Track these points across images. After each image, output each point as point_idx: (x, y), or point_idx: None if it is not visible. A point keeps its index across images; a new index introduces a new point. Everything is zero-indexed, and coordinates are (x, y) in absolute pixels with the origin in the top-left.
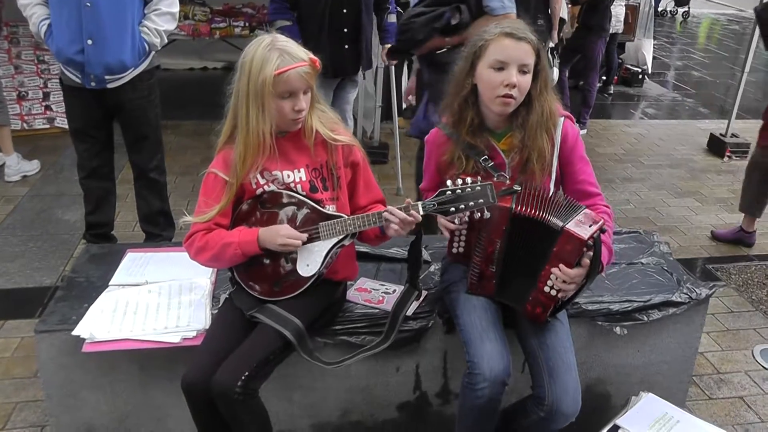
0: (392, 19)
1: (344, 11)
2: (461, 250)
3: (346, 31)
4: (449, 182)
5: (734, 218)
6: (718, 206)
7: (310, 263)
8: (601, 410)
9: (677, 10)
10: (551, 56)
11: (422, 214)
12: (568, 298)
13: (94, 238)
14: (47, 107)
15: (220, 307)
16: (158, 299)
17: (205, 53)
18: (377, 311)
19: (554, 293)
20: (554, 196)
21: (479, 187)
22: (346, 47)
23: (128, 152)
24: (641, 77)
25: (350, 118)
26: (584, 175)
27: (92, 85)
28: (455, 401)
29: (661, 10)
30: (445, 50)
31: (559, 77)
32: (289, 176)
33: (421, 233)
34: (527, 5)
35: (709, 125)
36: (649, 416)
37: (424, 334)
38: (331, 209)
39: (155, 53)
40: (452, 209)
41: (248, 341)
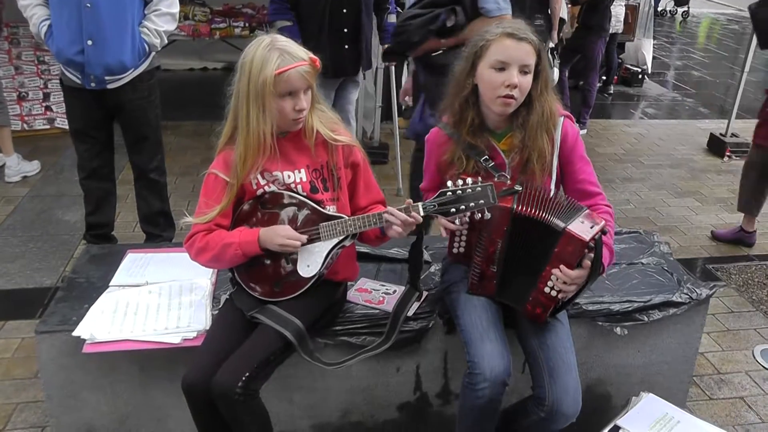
0: (392, 19)
1: (344, 11)
2: (462, 250)
3: (346, 31)
4: (450, 183)
5: (734, 218)
6: (718, 206)
7: (310, 264)
8: (601, 411)
9: (677, 9)
10: (551, 56)
11: (423, 215)
12: (568, 298)
13: (94, 238)
14: (47, 108)
15: (220, 307)
16: (158, 300)
17: (205, 54)
18: (378, 312)
19: (554, 294)
20: (556, 196)
21: (480, 187)
22: (346, 47)
23: (128, 153)
24: (641, 77)
25: (353, 118)
26: (584, 174)
27: (92, 85)
28: (456, 401)
29: (660, 9)
30: (440, 52)
31: (559, 77)
32: (289, 177)
33: (422, 234)
34: (523, 6)
35: (709, 125)
36: (649, 417)
37: (424, 334)
38: (331, 210)
39: (155, 54)
40: (453, 210)
41: (249, 342)
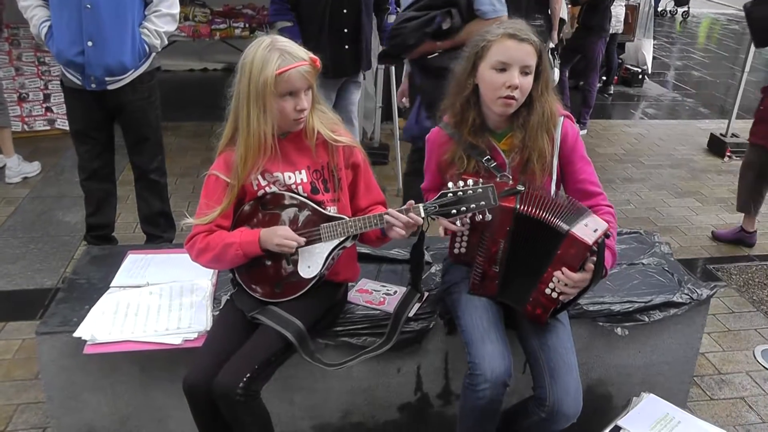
0: (392, 20)
1: (344, 11)
2: (463, 250)
3: (346, 31)
4: (450, 184)
5: (735, 218)
6: (718, 206)
7: (311, 265)
8: (602, 411)
9: (677, 10)
10: (552, 57)
11: (423, 216)
12: (569, 300)
13: (94, 239)
14: (48, 109)
15: (221, 308)
16: (159, 301)
17: (205, 54)
18: (378, 312)
19: (555, 295)
20: (560, 198)
21: (480, 189)
22: (346, 47)
23: (129, 154)
24: (641, 77)
25: (356, 118)
26: (585, 174)
27: (92, 86)
28: (456, 402)
29: (660, 10)
30: (436, 54)
31: (559, 77)
32: (290, 178)
33: (423, 235)
34: (518, 6)
35: (709, 125)
36: (650, 417)
37: (425, 335)
38: (332, 211)
39: (156, 55)
40: (453, 211)
41: (250, 343)
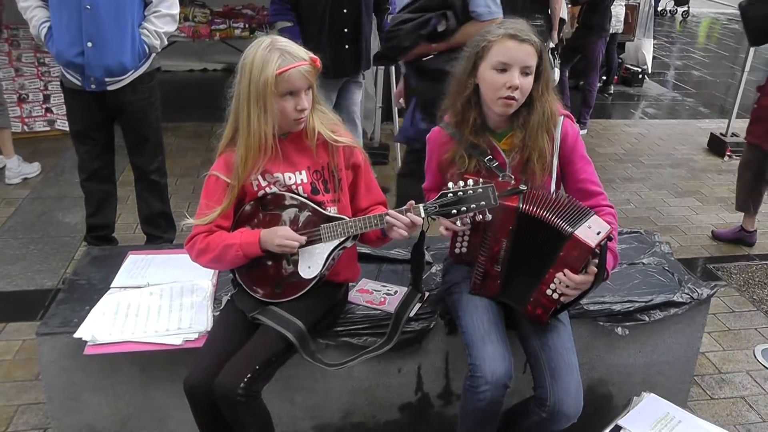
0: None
1: (344, 11)
2: (464, 250)
3: (346, 31)
4: (450, 184)
5: (735, 218)
6: (718, 206)
7: (311, 265)
8: (602, 411)
9: (677, 9)
10: (552, 57)
11: (423, 216)
12: (569, 301)
13: (95, 240)
14: (48, 109)
15: (221, 308)
16: (160, 301)
17: (205, 55)
18: (379, 312)
19: (556, 296)
20: (562, 198)
21: (481, 188)
22: (346, 47)
23: (129, 154)
24: (641, 77)
25: (359, 119)
26: (585, 174)
27: (92, 87)
28: (457, 402)
29: (660, 9)
30: (431, 56)
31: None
32: (290, 178)
33: (423, 235)
34: (514, 8)
35: (709, 125)
36: (650, 416)
37: (425, 335)
38: (332, 211)
39: (156, 55)
40: (454, 211)
41: (250, 343)
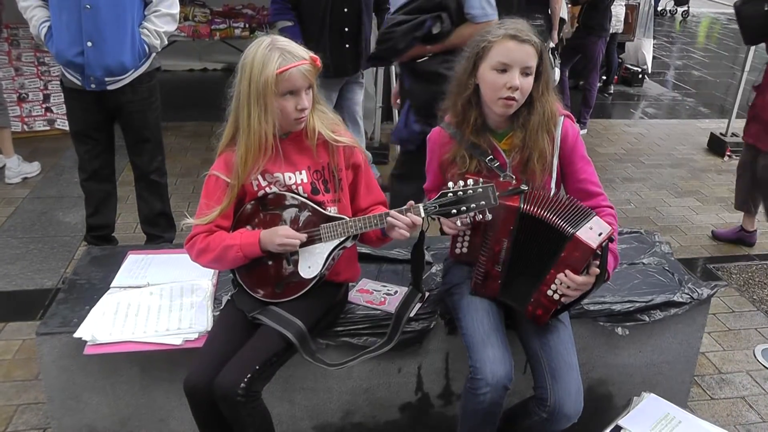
0: None
1: (345, 10)
2: (464, 250)
3: (347, 30)
4: (450, 184)
5: (735, 218)
6: (718, 206)
7: (311, 265)
8: (603, 411)
9: (677, 9)
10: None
11: (423, 216)
12: (570, 302)
13: (95, 240)
14: (47, 109)
15: (221, 308)
16: (160, 301)
17: (204, 54)
18: (379, 313)
19: (557, 297)
20: (564, 199)
21: (481, 188)
22: (347, 46)
23: (129, 154)
24: (641, 77)
25: (361, 119)
26: (586, 174)
27: (92, 87)
28: (457, 402)
29: (660, 9)
30: (426, 58)
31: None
32: (290, 178)
33: (423, 235)
34: (509, 9)
35: (709, 125)
36: (651, 417)
37: (426, 335)
38: (332, 211)
39: (156, 55)
40: (453, 211)
41: (250, 343)
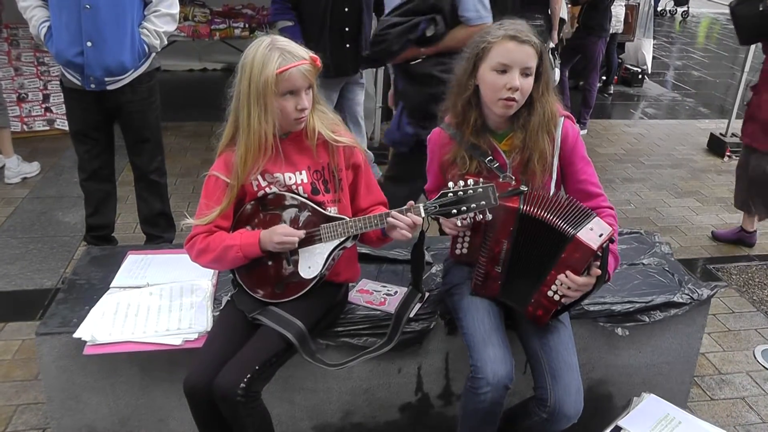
0: None
1: (346, 10)
2: (465, 251)
3: (347, 30)
4: (451, 184)
5: (735, 218)
6: (718, 206)
7: (311, 265)
8: (603, 411)
9: (677, 9)
10: (553, 57)
11: (423, 216)
12: (570, 303)
13: (94, 240)
14: (47, 109)
15: (221, 309)
16: (159, 301)
17: (204, 54)
18: (379, 313)
19: (557, 298)
20: (564, 200)
21: (481, 188)
22: (347, 46)
23: (129, 154)
24: (641, 77)
25: (362, 119)
26: (585, 175)
27: (92, 87)
28: (457, 403)
29: (660, 9)
30: (419, 61)
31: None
32: (290, 178)
33: (423, 235)
34: (503, 12)
35: (709, 125)
36: (651, 417)
37: (426, 335)
38: (332, 211)
39: (155, 55)
40: (454, 211)
41: (250, 344)
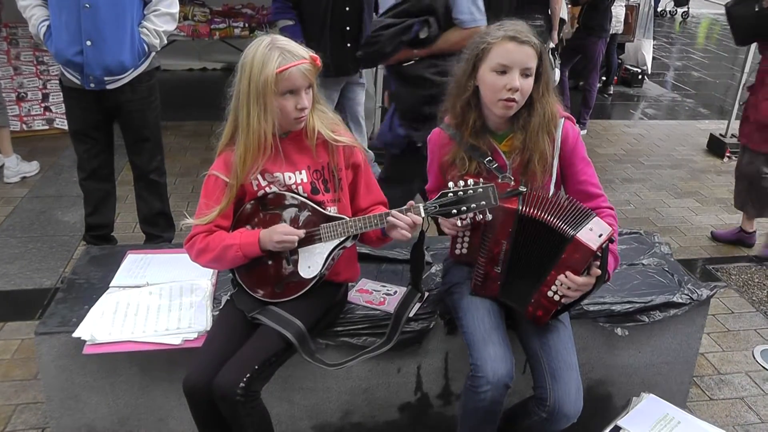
0: None
1: (347, 9)
2: (464, 251)
3: (348, 29)
4: (451, 184)
5: (734, 218)
6: (718, 206)
7: (311, 265)
8: (602, 411)
9: (677, 10)
10: (553, 57)
11: (424, 216)
12: (570, 303)
13: (94, 239)
14: (46, 108)
15: (221, 308)
16: (159, 301)
17: (204, 54)
18: (378, 313)
19: (557, 298)
20: (564, 200)
21: (481, 188)
22: (348, 45)
23: (128, 153)
24: (641, 77)
25: (363, 119)
26: (586, 175)
27: (91, 86)
28: (456, 402)
29: (660, 10)
30: (412, 62)
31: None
32: (290, 178)
33: (423, 235)
34: (499, 14)
35: (708, 125)
36: (650, 417)
37: (425, 335)
38: (332, 211)
39: (155, 54)
40: (454, 211)
41: (250, 343)
